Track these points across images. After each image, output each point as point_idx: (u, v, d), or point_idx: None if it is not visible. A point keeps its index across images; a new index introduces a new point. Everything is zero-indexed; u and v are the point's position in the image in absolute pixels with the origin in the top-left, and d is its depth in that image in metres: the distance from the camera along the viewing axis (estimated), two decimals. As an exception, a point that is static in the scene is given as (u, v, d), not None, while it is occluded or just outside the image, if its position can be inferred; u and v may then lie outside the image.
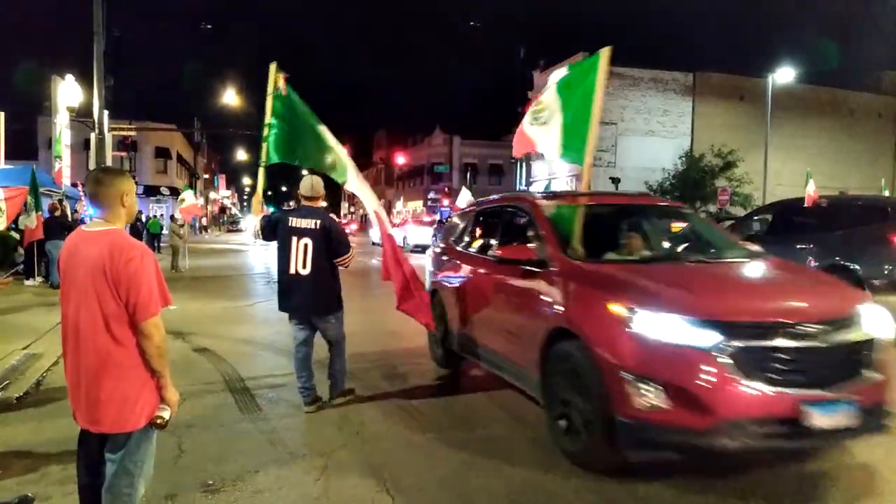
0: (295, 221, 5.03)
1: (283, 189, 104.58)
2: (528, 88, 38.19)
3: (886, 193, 18.52)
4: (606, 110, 32.89)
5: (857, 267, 9.11)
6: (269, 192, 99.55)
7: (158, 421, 2.61)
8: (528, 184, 38.56)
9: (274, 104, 5.49)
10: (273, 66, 5.40)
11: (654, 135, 33.64)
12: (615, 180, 25.81)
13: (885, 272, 8.86)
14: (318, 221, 5.04)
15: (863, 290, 8.52)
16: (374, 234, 40.26)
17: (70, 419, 2.66)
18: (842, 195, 12.00)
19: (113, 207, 2.65)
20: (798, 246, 10.26)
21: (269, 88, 5.45)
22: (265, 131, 5.51)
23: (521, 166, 39.68)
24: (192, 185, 35.28)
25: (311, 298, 5.03)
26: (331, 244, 5.02)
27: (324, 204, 5.58)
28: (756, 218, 12.42)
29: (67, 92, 16.46)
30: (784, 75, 25.39)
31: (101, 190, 2.64)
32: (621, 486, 3.74)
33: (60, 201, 14.80)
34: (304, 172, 6.10)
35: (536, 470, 3.98)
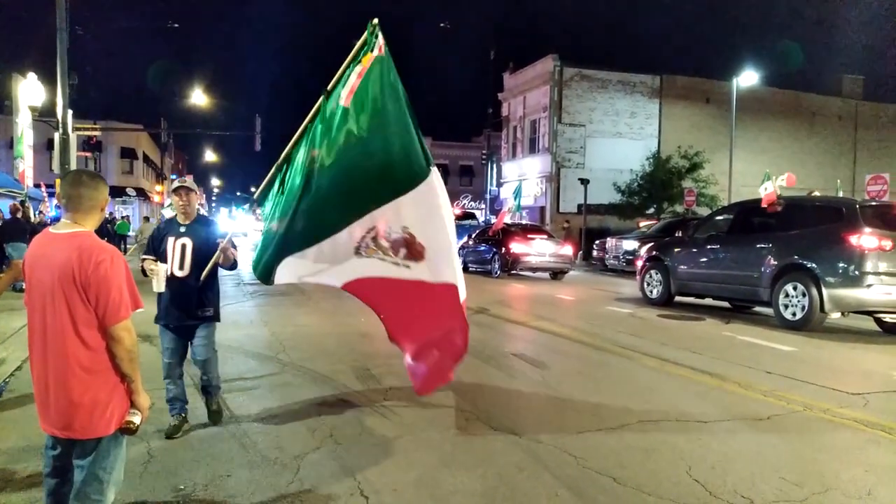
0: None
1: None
2: (499, 90, 38.40)
3: (841, 194, 19.16)
4: (575, 112, 33.25)
5: (815, 265, 9.39)
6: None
7: (129, 426, 2.57)
8: (499, 184, 38.72)
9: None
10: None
11: (621, 136, 34.03)
12: (584, 181, 26.03)
13: (840, 270, 9.14)
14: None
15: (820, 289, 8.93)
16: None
17: (36, 425, 2.61)
18: (808, 195, 12.36)
19: (91, 211, 2.61)
20: (758, 245, 10.53)
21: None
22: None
23: (491, 167, 39.84)
24: (158, 185, 34.62)
25: None
26: None
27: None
28: (720, 218, 12.68)
29: (29, 90, 16.06)
30: (748, 78, 25.92)
31: (86, 192, 2.59)
32: (594, 484, 3.80)
33: (23, 202, 14.44)
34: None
35: (510, 468, 4.02)
